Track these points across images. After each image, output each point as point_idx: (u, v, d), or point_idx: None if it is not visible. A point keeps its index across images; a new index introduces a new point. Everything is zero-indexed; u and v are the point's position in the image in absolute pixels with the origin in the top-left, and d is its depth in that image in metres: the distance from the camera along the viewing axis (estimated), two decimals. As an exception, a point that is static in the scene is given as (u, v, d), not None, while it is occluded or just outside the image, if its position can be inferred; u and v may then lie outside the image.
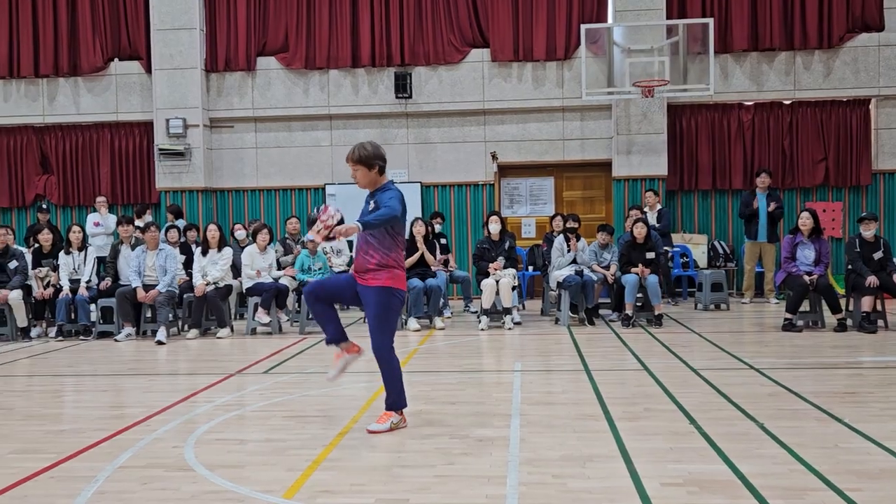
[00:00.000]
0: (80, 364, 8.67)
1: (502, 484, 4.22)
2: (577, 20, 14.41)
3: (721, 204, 14.79)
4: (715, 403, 5.98)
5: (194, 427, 5.54)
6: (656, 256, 10.83)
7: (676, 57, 13.29)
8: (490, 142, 14.85)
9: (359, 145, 5.37)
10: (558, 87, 14.64)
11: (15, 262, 10.70)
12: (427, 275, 10.91)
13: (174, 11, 14.69)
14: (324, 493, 4.15)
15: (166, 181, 14.90)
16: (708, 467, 4.44)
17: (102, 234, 13.47)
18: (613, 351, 8.68)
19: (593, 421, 5.51)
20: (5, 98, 15.43)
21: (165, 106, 14.78)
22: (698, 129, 14.61)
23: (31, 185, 15.52)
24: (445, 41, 14.74)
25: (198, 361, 8.86)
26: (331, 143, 15.04)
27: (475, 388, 6.85)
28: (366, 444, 5.05)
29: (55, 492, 4.24)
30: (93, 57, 15.21)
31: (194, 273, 10.70)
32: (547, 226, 14.64)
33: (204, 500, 4.09)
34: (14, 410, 6.33)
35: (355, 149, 5.34)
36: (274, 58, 15.05)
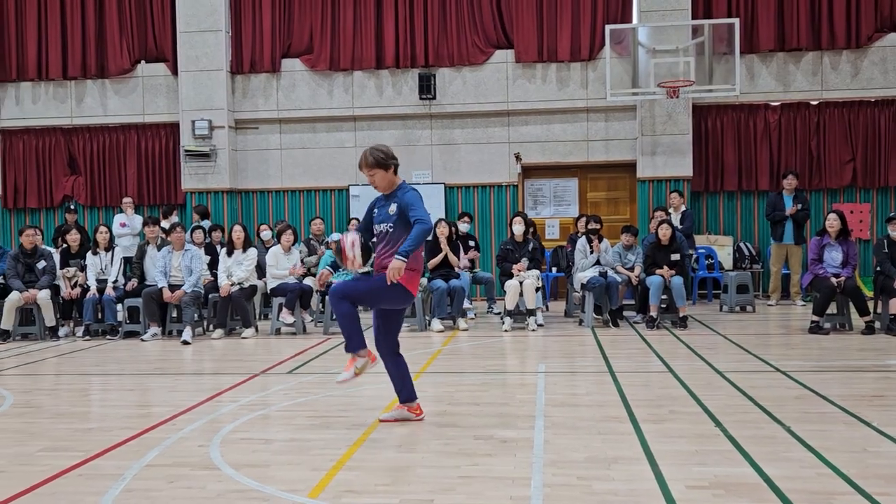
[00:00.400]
0: (107, 363, 8.75)
1: (526, 485, 4.21)
2: (601, 21, 14.36)
3: (747, 205, 14.67)
4: (740, 406, 5.93)
5: (219, 426, 5.58)
6: (681, 258, 10.76)
7: (702, 57, 13.21)
8: (514, 143, 14.83)
9: (371, 149, 5.36)
10: (583, 88, 14.60)
11: (43, 262, 10.83)
12: (450, 276, 10.91)
13: (200, 14, 14.81)
14: (348, 492, 4.16)
15: (192, 182, 15.02)
16: (734, 470, 4.41)
17: (128, 234, 13.60)
18: (638, 353, 8.63)
19: (618, 423, 5.49)
20: (34, 100, 15.63)
21: (191, 107, 14.90)
22: (724, 129, 14.50)
23: (60, 185, 15.70)
24: (469, 42, 14.74)
25: (223, 361, 8.92)
26: (355, 145, 15.09)
27: (499, 390, 6.84)
28: (390, 445, 5.06)
29: (83, 489, 4.29)
30: (120, 59, 15.37)
31: (219, 273, 10.78)
32: (571, 227, 14.61)
33: (229, 498, 4.11)
34: (43, 409, 6.40)
35: (368, 154, 5.33)
36: (299, 59, 15.13)
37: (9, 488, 4.29)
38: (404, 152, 14.97)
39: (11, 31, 15.50)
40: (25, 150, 15.71)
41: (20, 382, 7.62)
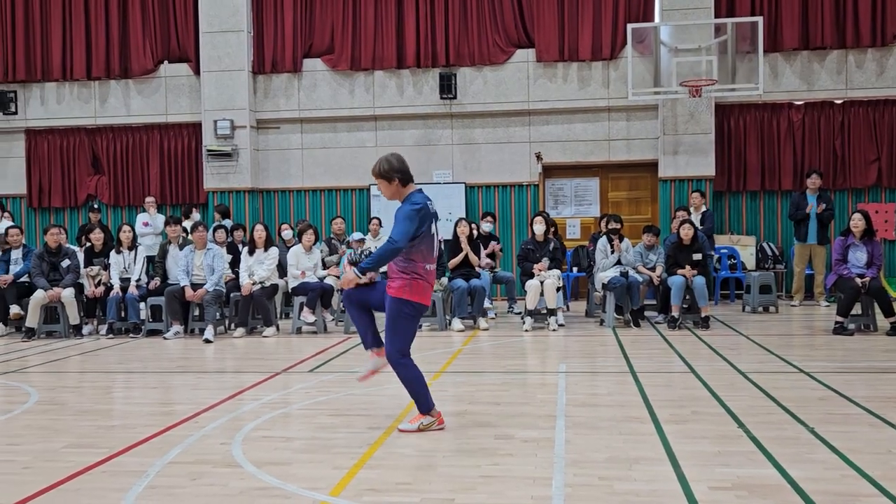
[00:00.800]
0: (130, 361, 8.82)
1: (548, 485, 4.20)
2: (623, 20, 14.30)
3: (770, 205, 14.56)
4: (764, 407, 5.89)
5: (241, 424, 5.61)
6: (703, 258, 10.69)
7: (725, 56, 13.12)
8: (535, 142, 14.80)
9: (382, 159, 5.41)
10: (604, 88, 14.55)
11: (67, 261, 10.93)
12: (471, 275, 10.90)
13: (222, 14, 14.89)
14: (369, 491, 4.17)
15: (214, 182, 15.11)
16: (757, 471, 4.38)
17: (151, 233, 13.70)
18: (659, 353, 8.59)
19: (639, 423, 5.46)
20: (59, 100, 15.78)
21: (213, 107, 14.99)
22: (747, 129, 14.40)
23: (83, 185, 15.85)
24: (490, 42, 14.73)
25: (244, 360, 8.96)
26: (376, 144, 15.11)
27: (519, 389, 6.83)
28: (411, 444, 5.06)
29: (107, 485, 4.32)
30: (143, 59, 15.49)
31: (241, 273, 10.83)
32: (592, 227, 14.57)
33: (251, 496, 4.13)
34: (67, 406, 6.46)
35: (377, 164, 5.40)
36: (320, 59, 15.18)
37: (34, 484, 4.34)
38: (425, 152, 15.00)
39: (37, 32, 15.66)
40: (50, 149, 15.86)
41: (45, 380, 7.70)
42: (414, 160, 14.88)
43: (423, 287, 5.31)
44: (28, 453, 4.98)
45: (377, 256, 5.16)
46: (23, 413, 6.16)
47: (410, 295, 5.24)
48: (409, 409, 5.97)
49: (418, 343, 9.57)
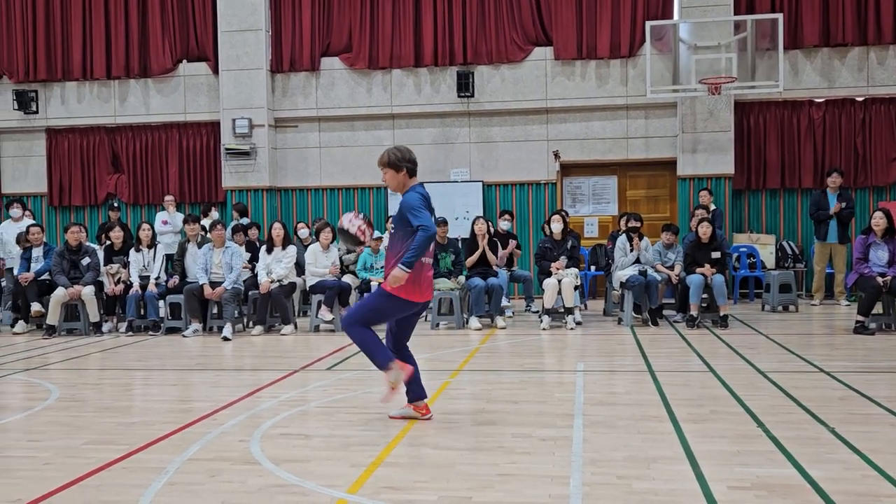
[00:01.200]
0: (150, 358, 8.88)
1: (566, 484, 4.19)
2: (641, 17, 14.24)
3: (790, 203, 14.45)
4: (783, 406, 5.84)
5: (259, 422, 5.63)
6: (722, 256, 10.63)
7: (744, 53, 13.03)
8: (552, 140, 14.76)
9: (390, 149, 5.45)
10: (622, 85, 14.49)
11: (88, 259, 11.01)
12: (488, 274, 10.90)
13: (241, 13, 14.95)
14: (387, 489, 4.17)
15: (232, 180, 15.17)
16: (777, 471, 4.35)
17: (170, 232, 13.78)
18: (678, 352, 8.55)
19: (658, 422, 5.44)
20: (79, 99, 15.90)
21: (232, 106, 15.05)
22: (767, 126, 14.30)
23: (103, 184, 15.96)
24: (508, 40, 14.71)
25: (262, 357, 9.00)
26: (393, 143, 15.08)
27: (537, 388, 6.81)
28: (428, 441, 5.07)
29: (127, 482, 4.35)
30: (162, 59, 15.58)
31: (259, 271, 10.87)
32: (610, 225, 14.52)
33: (270, 493, 4.15)
34: (87, 403, 6.51)
35: (385, 152, 5.43)
36: (337, 58, 15.21)
37: (56, 480, 4.37)
38: (442, 150, 14.99)
39: (58, 32, 15.78)
40: (70, 148, 15.99)
41: (65, 377, 7.77)
42: (431, 159, 14.95)
43: (423, 286, 5.40)
44: (49, 449, 5.02)
45: (417, 247, 5.13)
46: (44, 409, 6.22)
47: (408, 294, 5.32)
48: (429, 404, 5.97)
49: (436, 341, 9.63)
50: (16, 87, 15.85)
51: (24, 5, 15.81)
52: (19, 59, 15.86)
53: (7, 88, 15.99)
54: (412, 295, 5.36)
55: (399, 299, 5.33)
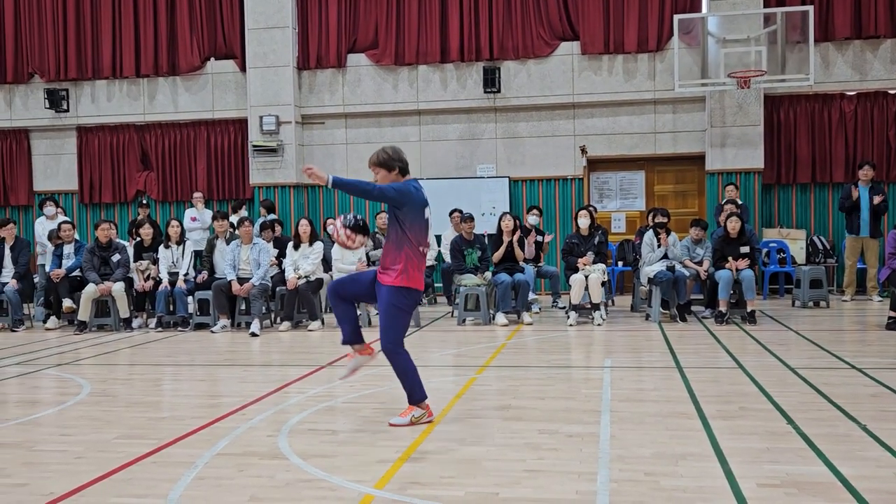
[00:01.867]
0: (179, 354, 8.96)
1: (593, 480, 4.17)
2: (669, 11, 14.12)
3: (821, 198, 14.28)
4: (814, 403, 5.78)
5: (287, 417, 5.67)
6: (751, 251, 10.52)
7: (774, 46, 12.89)
8: (579, 135, 14.69)
9: (379, 150, 5.49)
10: (650, 80, 14.38)
11: (118, 256, 11.13)
12: (515, 269, 10.87)
13: (268, 11, 15.02)
14: (414, 484, 4.18)
15: (259, 177, 15.26)
16: (807, 469, 4.30)
17: (199, 228, 13.89)
18: (706, 348, 8.48)
19: (686, 419, 5.40)
20: (109, 98, 16.07)
21: (259, 103, 15.14)
22: (797, 120, 14.13)
23: (133, 181, 16.12)
24: (535, 35, 14.65)
25: (290, 353, 9.05)
26: (419, 139, 15.14)
27: (564, 384, 6.79)
28: (455, 437, 5.07)
29: (158, 476, 4.40)
30: (190, 57, 15.70)
31: (286, 267, 10.93)
32: (637, 220, 14.44)
33: (298, 488, 4.17)
34: (118, 398, 6.59)
35: (375, 153, 5.46)
36: (364, 54, 15.23)
37: (87, 473, 4.43)
38: (468, 146, 14.98)
39: (87, 32, 15.96)
40: (101, 146, 16.16)
41: (96, 372, 7.86)
42: (457, 155, 14.95)
43: (418, 274, 5.35)
44: (81, 443, 5.09)
45: (355, 184, 5.17)
46: (76, 404, 6.30)
47: (406, 281, 5.26)
48: (454, 403, 5.98)
49: (462, 337, 9.63)
50: (47, 86, 16.05)
51: (54, 6, 16.00)
52: (50, 59, 16.06)
53: (39, 87, 16.20)
54: (418, 283, 5.36)
55: (411, 291, 5.31)
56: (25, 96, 16.32)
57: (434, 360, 8.15)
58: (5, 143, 16.47)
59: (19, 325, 11.28)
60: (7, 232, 11.58)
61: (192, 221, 13.92)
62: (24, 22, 16.17)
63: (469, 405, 5.97)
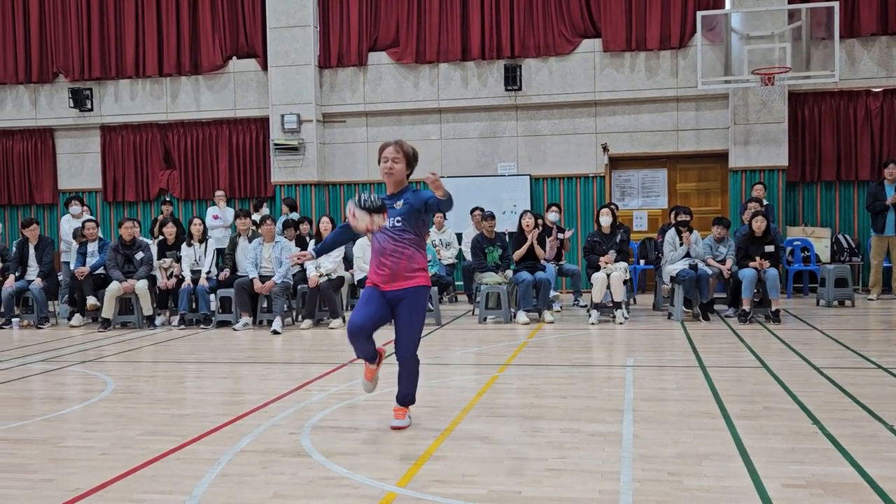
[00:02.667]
0: (201, 351, 9.01)
1: (616, 480, 4.15)
2: (692, 7, 14.03)
3: (846, 196, 14.14)
4: (840, 403, 5.72)
5: (309, 414, 5.68)
6: (776, 250, 10.43)
7: (799, 42, 12.78)
8: (601, 133, 14.63)
9: (405, 143, 5.43)
10: (672, 77, 14.30)
11: (141, 254, 11.21)
12: (536, 268, 10.85)
13: (289, 10, 15.07)
14: (436, 482, 4.18)
15: (281, 175, 15.32)
16: (833, 469, 4.25)
17: (221, 226, 13.95)
18: (729, 347, 8.41)
19: (709, 418, 5.36)
20: (132, 97, 16.19)
21: (280, 102, 15.20)
22: (822, 117, 14.00)
23: (156, 179, 16.24)
24: (556, 32, 14.60)
25: (311, 351, 9.08)
26: (440, 137, 15.14)
27: (586, 383, 6.76)
28: (477, 436, 5.06)
29: (181, 472, 4.42)
30: (212, 56, 15.78)
31: (308, 265, 10.96)
32: (659, 219, 14.36)
33: (320, 485, 4.18)
34: (142, 395, 6.63)
35: (404, 145, 5.38)
36: (385, 53, 15.25)
37: (112, 470, 4.46)
38: (489, 144, 14.96)
39: (111, 31, 16.09)
40: (124, 145, 16.29)
41: (120, 369, 7.92)
42: (478, 153, 14.94)
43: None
44: (105, 440, 5.12)
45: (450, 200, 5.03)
46: (100, 401, 6.35)
47: (427, 280, 5.21)
48: (476, 401, 5.97)
49: (483, 335, 9.62)
50: (71, 86, 16.20)
51: (78, 6, 16.14)
52: (75, 59, 16.20)
53: (63, 87, 16.36)
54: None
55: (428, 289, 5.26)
56: (50, 96, 16.48)
57: (455, 359, 8.15)
58: (30, 142, 16.63)
59: (44, 322, 11.39)
60: (31, 232, 11.71)
61: (214, 220, 13.98)
62: (49, 22, 16.33)
63: (491, 404, 5.96)
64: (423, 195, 5.17)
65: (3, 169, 16.78)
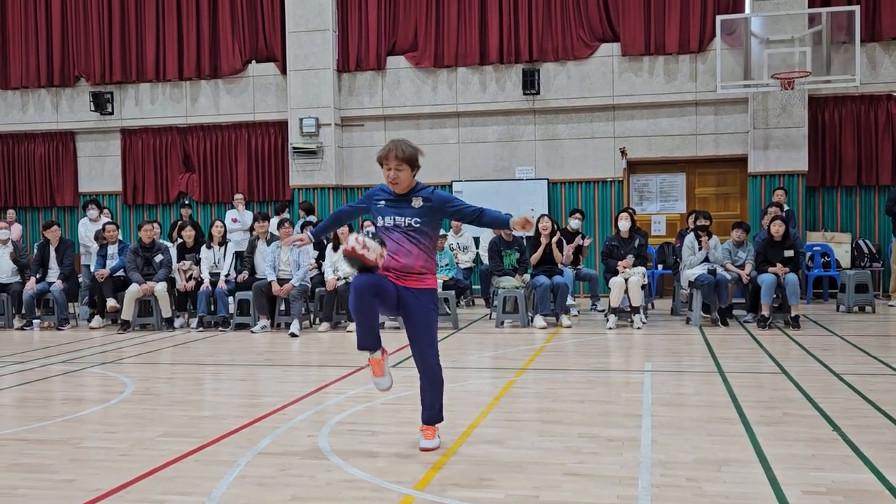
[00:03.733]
0: (219, 354, 9.06)
1: (634, 485, 4.14)
2: (711, 11, 13.98)
3: (867, 200, 14.03)
4: (860, 410, 5.67)
5: (327, 417, 5.70)
6: (795, 255, 10.36)
7: (819, 46, 12.70)
8: (619, 137, 14.60)
9: (400, 142, 4.88)
10: (691, 81, 14.25)
11: (160, 256, 11.29)
12: (554, 272, 10.83)
13: (308, 14, 15.14)
14: (454, 486, 4.18)
15: (299, 179, 15.38)
16: (854, 476, 4.22)
17: (239, 230, 14.03)
18: (748, 353, 8.37)
19: (728, 424, 5.33)
20: (152, 100, 16.31)
21: (299, 106, 15.26)
22: (842, 121, 13.90)
23: (175, 182, 16.34)
24: (574, 36, 14.59)
25: (329, 354, 9.11)
26: (458, 141, 15.15)
27: (603, 388, 6.74)
28: (495, 440, 5.05)
29: (200, 474, 4.45)
30: (232, 60, 15.88)
31: (326, 268, 10.99)
32: (677, 223, 14.30)
33: (338, 488, 4.19)
34: (161, 396, 6.67)
35: (403, 146, 4.83)
36: (403, 57, 15.29)
37: (132, 471, 4.49)
38: (507, 148, 14.96)
39: (132, 35, 16.22)
40: (144, 148, 16.41)
41: (140, 370, 7.97)
42: (496, 156, 14.94)
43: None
44: (125, 441, 5.16)
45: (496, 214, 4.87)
46: (120, 402, 6.39)
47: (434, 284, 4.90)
48: (493, 405, 5.97)
49: (500, 340, 9.61)
50: (92, 90, 16.34)
51: (100, 11, 16.29)
52: (96, 63, 16.35)
53: (84, 91, 16.50)
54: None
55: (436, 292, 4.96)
56: (72, 99, 16.63)
57: (473, 363, 8.15)
58: (52, 145, 16.79)
59: (65, 324, 11.48)
60: (52, 234, 11.81)
61: (232, 223, 14.07)
62: (71, 27, 16.49)
63: (508, 408, 5.96)
64: (442, 196, 4.86)
65: (25, 171, 16.94)
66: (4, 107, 16.91)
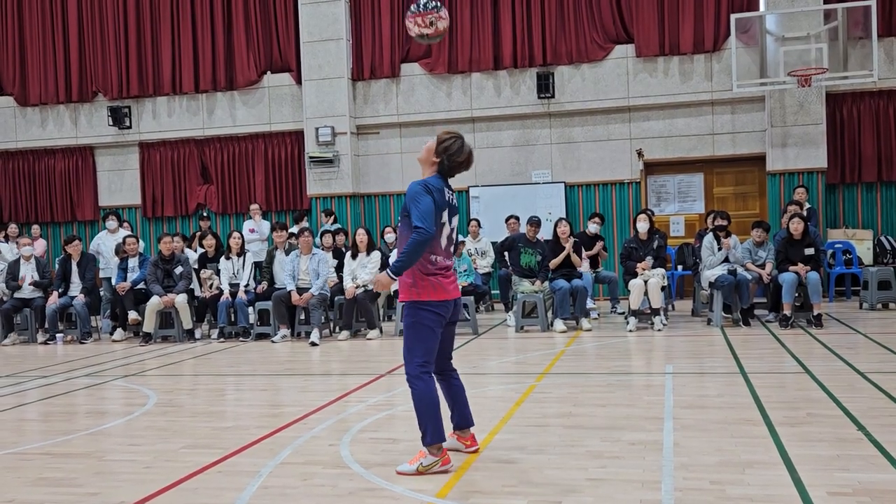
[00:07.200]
0: (240, 364, 9.09)
1: (657, 489, 4.11)
2: (726, 10, 13.91)
3: (888, 196, 13.89)
4: (885, 409, 5.61)
5: (348, 426, 5.70)
6: (816, 253, 10.28)
7: (835, 42, 12.60)
8: (635, 139, 14.54)
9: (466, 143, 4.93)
10: (707, 80, 14.18)
11: (180, 268, 11.35)
12: (572, 276, 10.79)
13: (322, 24, 15.21)
14: (475, 493, 4.17)
15: (316, 188, 15.44)
16: (880, 476, 4.17)
17: (257, 240, 14.08)
18: (771, 353, 8.30)
19: (751, 426, 5.29)
20: (169, 113, 16.43)
21: (315, 115, 15.32)
22: (861, 117, 13.78)
23: (193, 194, 16.45)
24: (588, 39, 14.56)
25: (349, 362, 9.12)
26: (474, 146, 14.91)
27: (625, 391, 6.71)
28: (516, 446, 5.04)
29: (223, 485, 4.46)
30: (247, 71, 15.97)
31: (345, 276, 11.02)
32: (696, 224, 14.22)
33: (361, 496, 4.19)
34: (183, 408, 6.71)
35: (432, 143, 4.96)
36: (417, 64, 15.32)
37: (155, 483, 4.52)
38: (523, 152, 14.94)
39: (148, 50, 16.36)
40: (162, 161, 16.53)
41: (162, 382, 8.02)
42: (512, 161, 14.92)
43: (434, 283, 4.57)
44: (148, 453, 5.19)
45: (408, 252, 4.40)
46: (143, 414, 6.43)
47: (420, 294, 4.55)
48: (513, 412, 5.95)
49: (520, 344, 9.58)
50: (110, 104, 16.49)
51: (116, 27, 16.44)
52: (113, 78, 16.50)
53: (102, 105, 16.65)
54: (439, 293, 4.57)
55: (428, 304, 4.55)
56: (90, 114, 16.78)
57: (493, 368, 8.14)
58: (71, 160, 16.95)
59: (87, 337, 11.57)
60: (74, 248, 11.91)
61: (250, 233, 14.12)
62: (88, 43, 16.65)
63: (529, 413, 5.94)
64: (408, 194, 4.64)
65: (46, 187, 17.11)
66: (24, 123, 17.10)
